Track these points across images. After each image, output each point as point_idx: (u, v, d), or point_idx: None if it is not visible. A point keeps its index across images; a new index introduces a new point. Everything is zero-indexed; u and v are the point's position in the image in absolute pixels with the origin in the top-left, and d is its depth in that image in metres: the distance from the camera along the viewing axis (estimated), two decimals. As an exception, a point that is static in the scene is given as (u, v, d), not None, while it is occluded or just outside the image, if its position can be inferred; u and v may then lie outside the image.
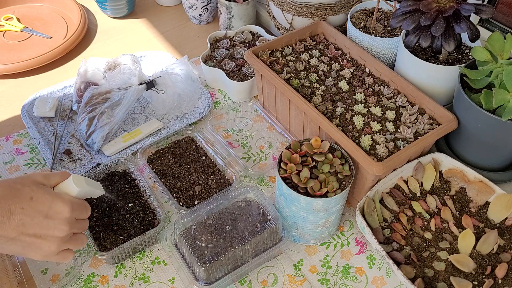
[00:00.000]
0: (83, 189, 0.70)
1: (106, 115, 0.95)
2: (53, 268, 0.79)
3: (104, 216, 0.80)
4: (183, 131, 0.96)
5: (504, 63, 0.75)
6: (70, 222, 0.65)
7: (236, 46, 1.10)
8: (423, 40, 0.81)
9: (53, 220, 0.63)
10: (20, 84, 1.12)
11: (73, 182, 0.69)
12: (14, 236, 0.61)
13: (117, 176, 0.87)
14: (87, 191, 0.71)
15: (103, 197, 0.82)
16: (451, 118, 0.81)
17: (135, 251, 0.80)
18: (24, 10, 1.31)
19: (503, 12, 0.97)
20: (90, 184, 0.72)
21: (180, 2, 1.36)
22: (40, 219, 0.62)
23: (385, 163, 0.75)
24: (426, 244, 0.76)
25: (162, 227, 0.79)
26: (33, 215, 0.62)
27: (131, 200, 0.83)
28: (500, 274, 0.71)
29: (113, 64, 1.04)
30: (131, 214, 0.81)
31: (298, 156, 0.75)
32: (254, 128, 1.01)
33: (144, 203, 0.83)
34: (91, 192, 0.72)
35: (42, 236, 0.63)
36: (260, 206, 0.78)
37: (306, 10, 1.03)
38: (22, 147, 0.97)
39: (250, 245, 0.74)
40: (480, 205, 0.80)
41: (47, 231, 0.63)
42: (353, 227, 0.85)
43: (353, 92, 0.90)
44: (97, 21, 1.31)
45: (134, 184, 0.86)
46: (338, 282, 0.78)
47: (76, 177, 0.70)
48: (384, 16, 1.01)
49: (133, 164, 0.88)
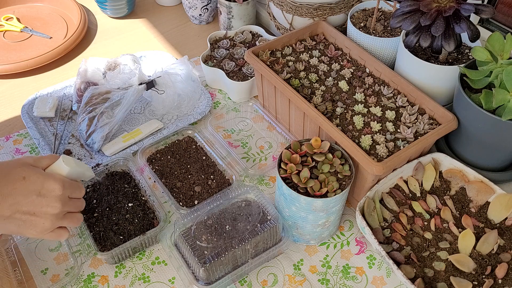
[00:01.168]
0: (73, 169, 0.71)
1: (106, 115, 0.95)
2: (53, 268, 0.79)
3: (104, 216, 0.80)
4: (183, 131, 0.96)
5: (504, 63, 0.75)
6: (62, 200, 0.67)
7: (236, 46, 1.10)
8: (423, 40, 0.81)
9: (46, 198, 0.65)
10: (20, 84, 1.12)
11: (63, 162, 0.70)
12: (9, 215, 0.64)
13: (117, 176, 0.87)
14: (77, 171, 0.73)
15: (103, 197, 0.82)
16: (451, 118, 0.81)
17: (135, 251, 0.80)
18: (24, 10, 1.31)
19: (503, 12, 0.97)
20: (80, 166, 0.74)
21: (180, 2, 1.36)
22: (33, 198, 0.65)
23: (385, 163, 0.75)
24: (426, 244, 0.76)
25: (162, 227, 0.79)
26: (27, 194, 0.64)
27: (131, 200, 0.83)
28: (500, 274, 0.71)
29: (113, 64, 1.04)
30: (131, 214, 0.81)
31: (298, 156, 0.75)
32: (254, 128, 1.01)
33: (144, 203, 0.83)
34: (81, 173, 0.74)
35: (36, 214, 0.65)
36: (260, 206, 0.78)
37: (306, 10, 1.03)
38: (22, 147, 0.97)
39: (250, 245, 0.74)
40: (480, 205, 0.80)
41: (40, 208, 0.65)
42: (353, 227, 0.85)
43: (353, 92, 0.90)
44: (97, 21, 1.31)
45: (134, 184, 0.86)
46: (338, 282, 0.78)
47: (66, 157, 0.72)
48: (384, 16, 1.01)
49: (133, 164, 0.88)
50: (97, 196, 0.84)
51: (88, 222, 0.80)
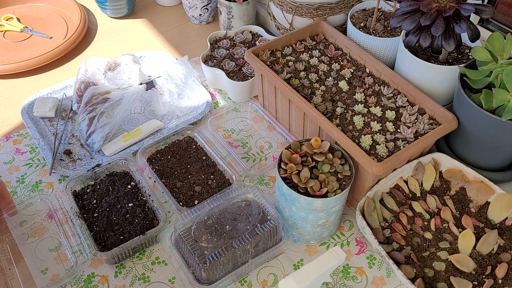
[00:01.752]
0: None
1: (106, 115, 0.95)
2: (53, 268, 0.79)
3: (104, 216, 0.81)
4: (183, 131, 0.96)
5: (504, 63, 0.75)
6: None
7: (236, 46, 1.10)
8: (423, 40, 0.81)
9: None
10: (20, 84, 1.12)
11: None
12: None
13: (117, 176, 0.87)
14: None
15: (103, 198, 0.82)
16: (451, 118, 0.81)
17: (135, 251, 0.80)
18: (24, 10, 1.31)
19: (503, 12, 0.97)
20: None
21: (180, 2, 1.36)
22: None
23: (385, 163, 0.75)
24: (426, 244, 0.76)
25: (162, 227, 0.79)
26: None
27: (131, 200, 0.83)
28: (500, 274, 0.71)
29: (113, 64, 1.04)
30: (131, 214, 0.81)
31: (298, 156, 0.75)
32: (254, 128, 1.01)
33: (144, 203, 0.83)
34: None
35: None
36: (260, 206, 0.78)
37: (306, 10, 1.03)
38: (22, 147, 0.97)
39: (250, 245, 0.74)
40: (480, 205, 0.80)
41: None
42: (353, 227, 0.85)
43: (353, 92, 0.90)
44: (97, 21, 1.31)
45: (134, 184, 0.86)
46: (338, 282, 0.78)
47: None
48: (384, 16, 1.01)
49: (133, 164, 0.88)
50: (97, 196, 0.84)
51: (88, 222, 0.80)
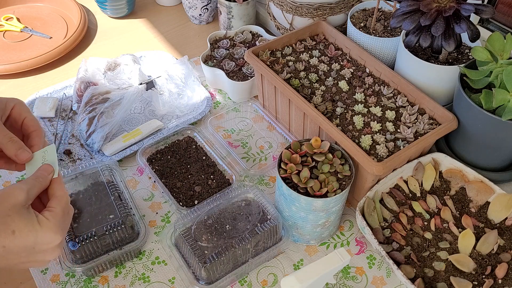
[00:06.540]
0: None
1: (106, 115, 0.95)
2: (53, 268, 0.79)
3: (83, 227, 0.75)
4: (183, 131, 0.96)
5: (504, 63, 0.75)
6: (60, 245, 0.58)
7: (236, 46, 1.10)
8: (423, 40, 0.81)
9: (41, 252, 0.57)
10: (20, 84, 1.12)
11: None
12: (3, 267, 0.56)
13: (101, 186, 0.81)
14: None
15: (85, 208, 0.78)
16: (451, 118, 0.81)
17: (112, 264, 0.78)
18: (24, 10, 1.31)
19: (503, 12, 0.97)
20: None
21: (180, 2, 1.36)
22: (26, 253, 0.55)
23: (385, 163, 0.75)
24: (426, 244, 0.76)
25: (141, 241, 0.77)
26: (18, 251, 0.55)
27: (112, 212, 0.77)
28: (500, 274, 0.71)
29: (113, 64, 1.04)
30: (112, 227, 0.75)
31: (298, 156, 0.75)
32: (254, 128, 1.01)
33: (126, 216, 0.77)
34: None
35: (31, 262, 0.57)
36: (260, 206, 0.78)
37: (306, 10, 1.03)
38: (22, 147, 0.97)
39: (250, 245, 0.74)
40: (480, 205, 0.80)
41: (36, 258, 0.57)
42: (353, 227, 0.85)
43: (353, 92, 0.90)
44: (97, 21, 1.31)
45: (117, 195, 0.80)
46: (338, 282, 0.78)
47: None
48: (384, 16, 1.01)
49: (118, 174, 0.83)
50: (79, 206, 0.78)
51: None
